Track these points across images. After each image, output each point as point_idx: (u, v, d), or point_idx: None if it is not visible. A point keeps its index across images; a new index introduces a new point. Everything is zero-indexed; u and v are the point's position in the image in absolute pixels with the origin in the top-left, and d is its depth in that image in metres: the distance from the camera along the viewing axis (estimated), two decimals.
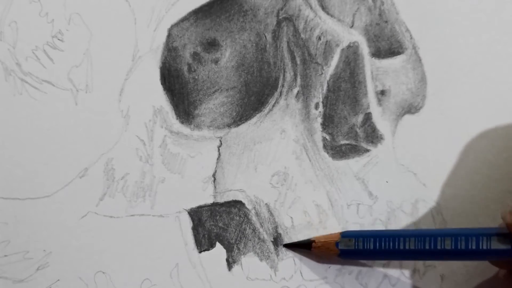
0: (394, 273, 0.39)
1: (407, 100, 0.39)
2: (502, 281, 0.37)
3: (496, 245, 0.33)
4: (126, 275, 0.39)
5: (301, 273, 0.39)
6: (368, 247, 0.36)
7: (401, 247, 0.35)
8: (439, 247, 0.34)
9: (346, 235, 0.37)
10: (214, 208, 0.39)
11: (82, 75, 0.40)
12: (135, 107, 0.40)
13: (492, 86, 0.39)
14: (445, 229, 0.36)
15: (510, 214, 0.33)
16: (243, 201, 0.39)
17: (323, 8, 0.40)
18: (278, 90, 0.40)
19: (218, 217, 0.39)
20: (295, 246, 0.39)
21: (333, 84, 0.40)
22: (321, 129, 0.40)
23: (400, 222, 0.39)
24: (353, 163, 0.39)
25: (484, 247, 0.33)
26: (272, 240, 0.39)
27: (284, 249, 0.39)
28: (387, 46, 0.40)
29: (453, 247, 0.34)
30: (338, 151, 0.39)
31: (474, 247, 0.33)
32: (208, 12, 0.40)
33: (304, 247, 0.38)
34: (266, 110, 0.40)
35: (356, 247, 0.36)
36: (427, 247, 0.34)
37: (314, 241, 0.38)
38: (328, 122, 0.40)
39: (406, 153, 0.39)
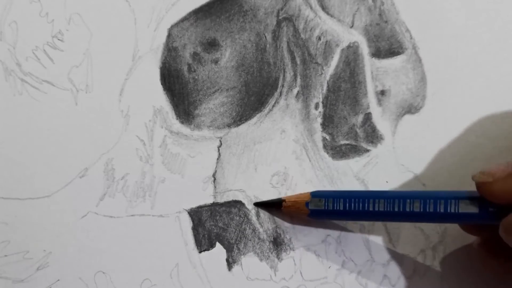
0: (394, 273, 0.39)
1: (407, 100, 0.39)
2: (476, 250, 0.37)
3: (464, 208, 0.33)
4: (126, 275, 0.39)
5: (301, 273, 0.39)
6: (337, 208, 0.36)
7: (371, 209, 0.35)
8: (407, 210, 0.34)
9: (316, 195, 0.37)
10: (214, 208, 0.39)
11: (82, 75, 0.40)
12: (135, 107, 0.40)
13: (492, 86, 0.39)
14: (415, 192, 0.36)
15: (480, 173, 0.33)
16: (243, 201, 0.39)
17: (323, 8, 0.40)
18: (278, 90, 0.40)
19: (218, 217, 0.39)
20: (265, 205, 0.39)
21: (333, 84, 0.40)
22: (321, 129, 0.40)
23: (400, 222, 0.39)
24: (353, 163, 0.39)
25: (452, 211, 0.33)
26: (272, 240, 0.39)
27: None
28: (387, 46, 0.40)
29: (421, 210, 0.34)
30: (338, 151, 0.39)
31: (442, 210, 0.34)
32: (208, 12, 0.40)
33: (274, 206, 0.38)
34: (266, 110, 0.40)
35: (326, 208, 0.36)
36: (396, 209, 0.35)
37: (284, 200, 0.38)
38: (328, 122, 0.40)
39: (406, 153, 0.39)
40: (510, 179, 0.32)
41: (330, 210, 0.36)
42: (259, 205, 0.39)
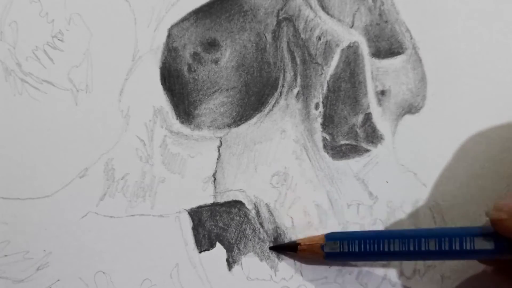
0: (394, 273, 0.39)
1: (407, 100, 0.39)
2: (490, 276, 0.37)
3: (480, 245, 0.33)
4: (126, 275, 0.39)
5: (301, 273, 0.39)
6: (353, 250, 0.36)
7: (386, 249, 0.35)
8: (423, 249, 0.34)
9: (331, 238, 0.37)
10: (214, 208, 0.39)
11: (82, 75, 0.40)
12: (135, 107, 0.40)
13: (492, 86, 0.39)
14: (429, 229, 0.36)
15: (495, 210, 0.33)
16: (243, 201, 0.39)
17: (323, 8, 0.40)
18: (278, 90, 0.40)
19: (218, 217, 0.39)
20: (281, 249, 0.39)
21: (333, 84, 0.40)
22: (321, 129, 0.40)
23: (400, 222, 0.39)
24: (353, 163, 0.39)
25: (468, 248, 0.33)
26: (272, 240, 0.39)
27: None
28: (387, 46, 0.40)
29: (437, 248, 0.34)
30: (338, 151, 0.39)
31: (458, 248, 0.34)
32: (208, 12, 0.40)
33: (289, 250, 0.38)
34: (266, 110, 0.40)
35: (341, 250, 0.36)
36: (411, 248, 0.34)
37: (299, 243, 0.38)
38: (328, 122, 0.40)
39: (406, 153, 0.39)
40: None
41: (345, 252, 0.36)
42: (274, 248, 0.39)
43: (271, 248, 0.39)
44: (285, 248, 0.38)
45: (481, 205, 0.39)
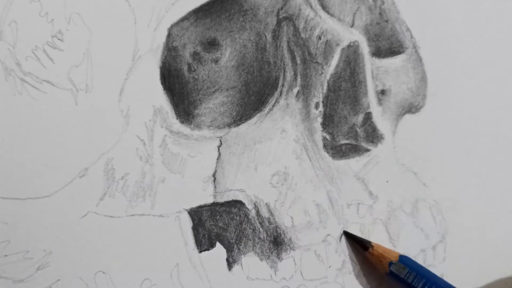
0: None
1: (407, 100, 0.39)
2: None
3: None
4: (126, 275, 0.39)
5: (301, 273, 0.39)
6: (415, 284, 0.36)
7: None
8: None
9: (403, 261, 0.37)
10: (214, 208, 0.39)
11: (82, 75, 0.40)
12: (135, 107, 0.40)
13: (492, 86, 0.39)
14: None
15: None
16: (243, 201, 0.39)
17: (323, 7, 0.40)
18: (278, 89, 0.40)
19: (218, 217, 0.39)
20: (353, 239, 0.38)
21: (333, 84, 0.40)
22: (321, 129, 0.40)
23: (400, 222, 0.39)
24: (353, 163, 0.39)
25: None
26: (272, 240, 0.39)
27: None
28: (388, 45, 0.40)
29: None
30: (338, 151, 0.39)
31: None
32: (208, 12, 0.40)
33: (360, 245, 0.38)
34: (266, 109, 0.40)
35: (405, 278, 0.36)
36: None
37: (373, 246, 0.38)
38: (328, 121, 0.40)
39: (406, 153, 0.39)
40: None
41: (407, 282, 0.36)
42: (347, 234, 0.39)
43: (345, 233, 0.38)
44: (357, 241, 0.38)
45: (481, 205, 0.39)
